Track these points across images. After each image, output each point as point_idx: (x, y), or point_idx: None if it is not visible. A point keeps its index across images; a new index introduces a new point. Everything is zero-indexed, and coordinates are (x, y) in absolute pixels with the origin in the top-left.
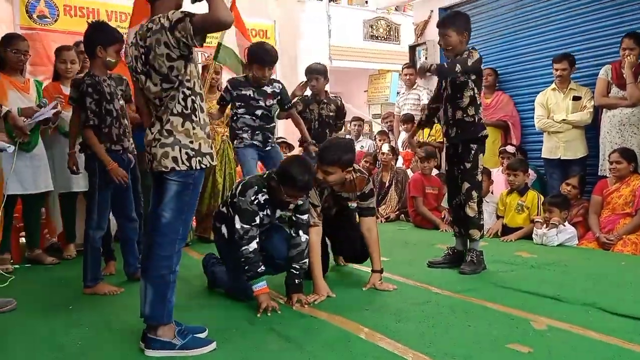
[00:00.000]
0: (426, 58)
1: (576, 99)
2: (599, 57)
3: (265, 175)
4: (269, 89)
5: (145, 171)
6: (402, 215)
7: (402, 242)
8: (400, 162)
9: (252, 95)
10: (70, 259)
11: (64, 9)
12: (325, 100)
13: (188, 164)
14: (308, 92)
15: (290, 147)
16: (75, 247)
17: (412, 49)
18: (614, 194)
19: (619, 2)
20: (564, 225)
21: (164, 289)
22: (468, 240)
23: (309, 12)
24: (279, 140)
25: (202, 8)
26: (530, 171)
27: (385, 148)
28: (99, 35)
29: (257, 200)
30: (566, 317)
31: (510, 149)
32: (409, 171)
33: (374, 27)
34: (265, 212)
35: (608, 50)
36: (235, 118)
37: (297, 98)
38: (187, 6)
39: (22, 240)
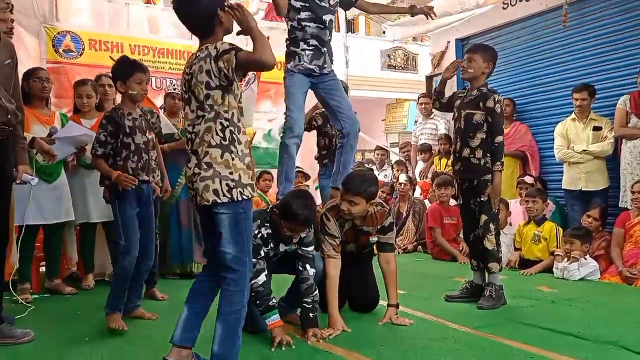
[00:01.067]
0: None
1: (596, 129)
2: (618, 88)
3: (267, 209)
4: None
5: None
6: (420, 246)
7: (420, 275)
8: (417, 193)
9: None
10: (89, 289)
11: (89, 43)
12: None
13: (230, 196)
14: None
15: (306, 176)
16: (94, 277)
17: (429, 79)
18: (637, 227)
19: (637, 33)
20: (586, 259)
21: (235, 327)
22: (487, 274)
23: None
24: (296, 169)
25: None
26: (549, 202)
27: (403, 178)
28: (117, 70)
29: (260, 234)
30: (588, 356)
31: (528, 179)
32: (426, 202)
33: (392, 56)
34: (269, 246)
35: (627, 81)
36: (293, 27)
37: (316, 112)
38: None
39: (42, 269)
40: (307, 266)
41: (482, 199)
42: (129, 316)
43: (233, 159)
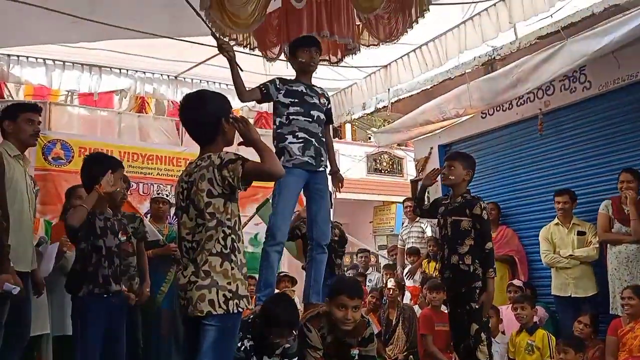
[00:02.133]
0: (428, 193)
1: (581, 233)
2: (599, 193)
3: (248, 319)
4: (318, 90)
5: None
6: (411, 356)
7: None
8: (407, 299)
9: (304, 91)
10: None
11: (79, 150)
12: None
13: (225, 307)
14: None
15: (293, 281)
16: None
17: (414, 183)
18: (629, 334)
19: (613, 140)
20: None
21: None
22: None
23: None
24: (282, 274)
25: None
26: (541, 309)
27: (391, 283)
28: (88, 170)
29: (243, 347)
30: None
31: (517, 282)
32: (416, 307)
33: (378, 160)
34: None
35: (607, 186)
36: (281, 123)
37: (300, 220)
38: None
39: None
40: None
41: (473, 306)
42: None
43: (232, 268)
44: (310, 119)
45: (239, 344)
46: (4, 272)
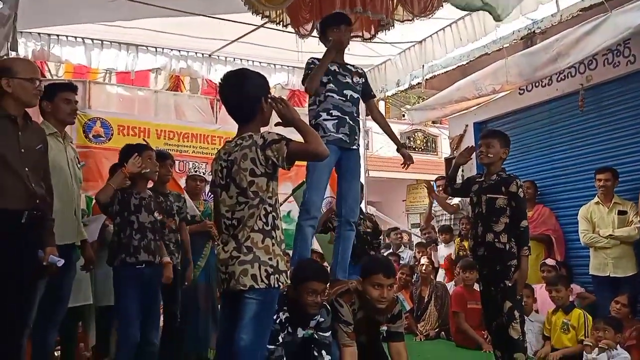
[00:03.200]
0: (462, 171)
1: (622, 213)
2: None
3: (284, 292)
4: (352, 68)
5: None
6: (443, 332)
7: None
8: (440, 276)
9: (337, 70)
10: None
11: (118, 128)
12: (361, 216)
13: (267, 282)
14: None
15: (321, 257)
16: None
17: (448, 161)
18: None
19: None
20: (617, 349)
21: None
22: None
23: None
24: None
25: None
26: (573, 287)
27: (424, 261)
28: (122, 156)
29: (278, 319)
30: None
31: (550, 261)
32: (449, 285)
33: (411, 138)
34: (286, 331)
35: None
36: (317, 101)
37: (332, 214)
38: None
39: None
40: (323, 352)
41: (507, 284)
42: None
43: (273, 244)
44: (344, 98)
45: (275, 317)
46: (50, 245)
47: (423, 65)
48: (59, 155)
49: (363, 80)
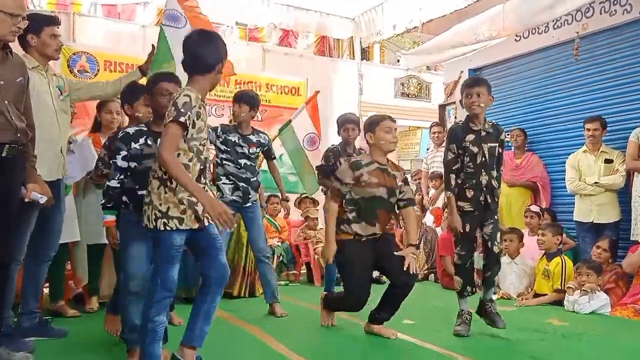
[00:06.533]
0: (455, 117)
1: (608, 161)
2: (629, 121)
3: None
4: (254, 138)
5: None
6: (431, 275)
7: (429, 305)
8: (430, 221)
9: (236, 141)
10: (92, 312)
11: (104, 64)
12: (354, 154)
13: (155, 224)
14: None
15: (314, 202)
16: (99, 300)
17: (442, 107)
18: None
19: None
20: (597, 292)
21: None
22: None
23: (341, 71)
24: (303, 195)
25: None
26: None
27: (432, 193)
28: (125, 94)
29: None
30: None
31: (534, 208)
32: (439, 230)
33: (405, 84)
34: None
35: (639, 114)
36: (218, 164)
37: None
38: None
39: (46, 291)
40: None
41: (496, 219)
42: None
43: (166, 192)
44: (239, 166)
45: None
46: (32, 182)
47: (420, 9)
48: (42, 89)
49: (262, 149)
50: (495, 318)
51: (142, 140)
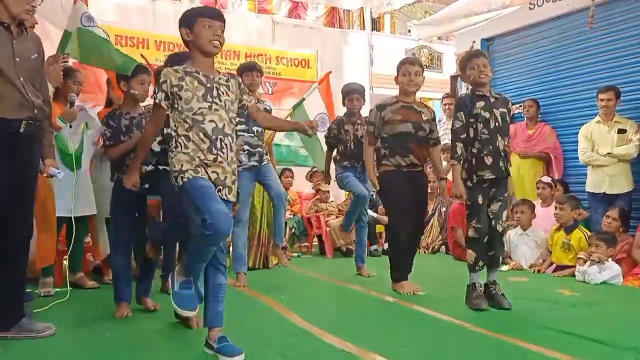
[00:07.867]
0: (467, 88)
1: (621, 131)
2: None
3: None
4: (261, 106)
5: None
6: (444, 246)
7: (440, 277)
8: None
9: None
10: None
11: (116, 38)
12: (359, 122)
13: (176, 182)
14: (341, 114)
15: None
16: None
17: (454, 78)
18: None
19: None
20: (608, 262)
21: None
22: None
23: (351, 42)
24: (314, 169)
25: None
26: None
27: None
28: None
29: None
30: None
31: (545, 179)
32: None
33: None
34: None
35: None
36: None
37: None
38: None
39: (65, 263)
40: None
41: (505, 195)
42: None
43: (176, 154)
44: (253, 134)
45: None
46: (49, 157)
47: None
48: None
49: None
50: (501, 300)
51: None
